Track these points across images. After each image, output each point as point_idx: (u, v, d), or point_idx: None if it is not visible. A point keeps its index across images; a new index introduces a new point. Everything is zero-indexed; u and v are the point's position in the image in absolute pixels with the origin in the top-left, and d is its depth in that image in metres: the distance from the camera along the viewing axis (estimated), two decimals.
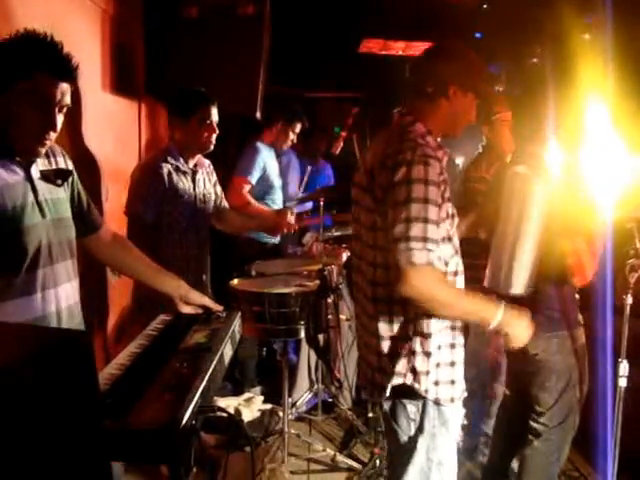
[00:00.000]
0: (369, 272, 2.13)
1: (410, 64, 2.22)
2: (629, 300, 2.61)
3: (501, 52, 5.52)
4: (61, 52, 1.83)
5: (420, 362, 2.04)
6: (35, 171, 1.94)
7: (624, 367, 2.61)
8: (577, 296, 2.88)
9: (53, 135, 1.88)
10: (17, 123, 1.81)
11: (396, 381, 2.07)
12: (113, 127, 3.74)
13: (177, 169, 3.25)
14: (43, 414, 0.97)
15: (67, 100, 1.86)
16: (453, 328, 2.12)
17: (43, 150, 1.90)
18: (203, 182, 3.40)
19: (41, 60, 1.79)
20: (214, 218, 3.52)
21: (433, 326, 2.04)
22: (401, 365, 2.06)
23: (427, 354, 2.04)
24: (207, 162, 3.47)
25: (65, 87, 1.84)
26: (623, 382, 2.62)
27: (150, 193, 3.17)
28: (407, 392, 2.09)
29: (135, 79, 4.06)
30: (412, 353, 2.05)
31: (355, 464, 3.60)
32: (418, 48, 5.68)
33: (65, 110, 1.88)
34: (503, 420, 3.22)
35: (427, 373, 2.05)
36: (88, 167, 3.46)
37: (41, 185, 1.94)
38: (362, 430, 3.86)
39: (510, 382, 3.22)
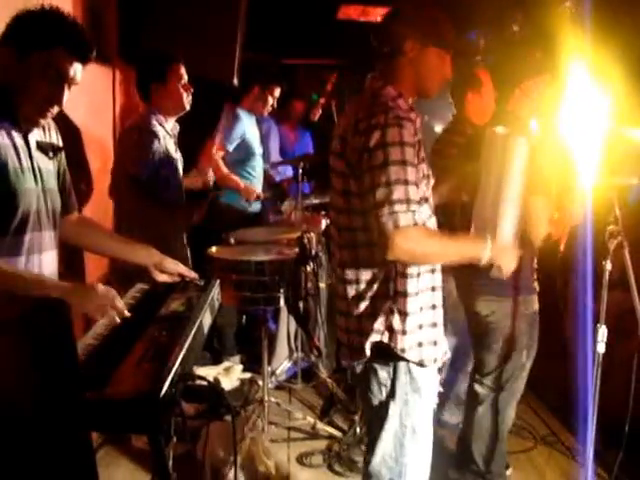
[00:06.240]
0: (345, 237, 2.12)
1: (371, 30, 2.17)
2: (608, 266, 2.62)
3: (481, 19, 5.47)
4: (82, 33, 1.93)
5: (397, 321, 2.04)
6: (32, 140, 1.98)
7: (602, 332, 2.63)
8: (535, 264, 2.89)
9: (56, 109, 1.95)
10: (26, 91, 1.88)
11: (373, 338, 2.06)
12: (86, 95, 3.65)
13: (165, 132, 3.23)
14: (20, 382, 0.95)
15: (78, 79, 1.94)
16: (433, 289, 2.12)
17: (43, 122, 1.98)
18: (175, 147, 3.37)
19: (62, 36, 1.87)
20: None
21: (411, 285, 2.04)
22: (379, 323, 2.06)
23: (405, 313, 2.04)
24: (177, 127, 3.42)
25: (78, 67, 1.92)
26: (601, 348, 2.63)
27: (152, 154, 3.14)
28: (381, 354, 2.08)
29: (108, 46, 3.96)
30: (390, 312, 2.05)
31: (335, 432, 3.61)
32: None
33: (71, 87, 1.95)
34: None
35: (404, 332, 2.04)
36: (71, 136, 3.39)
37: (36, 154, 1.99)
38: (342, 398, 3.87)
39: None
